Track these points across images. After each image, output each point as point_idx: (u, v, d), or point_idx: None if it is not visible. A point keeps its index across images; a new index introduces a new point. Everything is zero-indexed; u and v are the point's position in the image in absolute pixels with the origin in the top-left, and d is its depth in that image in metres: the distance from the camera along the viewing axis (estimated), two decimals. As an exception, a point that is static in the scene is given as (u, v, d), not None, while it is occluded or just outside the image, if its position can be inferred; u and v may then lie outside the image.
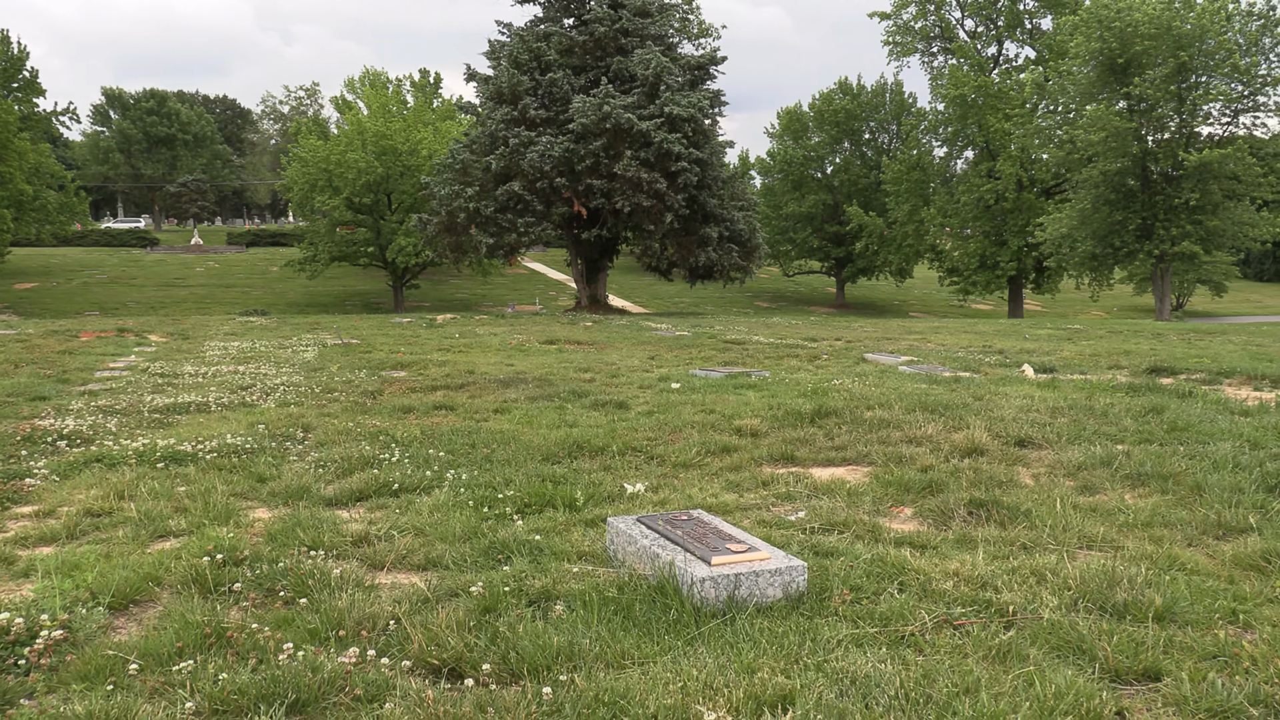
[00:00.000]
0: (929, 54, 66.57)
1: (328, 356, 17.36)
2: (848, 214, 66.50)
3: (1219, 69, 47.35)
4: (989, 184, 57.04)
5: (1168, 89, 44.87)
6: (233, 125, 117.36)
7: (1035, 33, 63.20)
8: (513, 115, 34.34)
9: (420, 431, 8.12)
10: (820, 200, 72.48)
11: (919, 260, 67.04)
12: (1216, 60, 47.16)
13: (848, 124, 72.79)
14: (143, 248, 77.25)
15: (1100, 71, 48.12)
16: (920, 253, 65.17)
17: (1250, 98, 48.43)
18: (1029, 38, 63.96)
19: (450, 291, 71.08)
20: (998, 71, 62.73)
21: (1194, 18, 45.70)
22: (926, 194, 62.49)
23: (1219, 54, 46.34)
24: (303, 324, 28.33)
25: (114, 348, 19.57)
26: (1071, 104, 50.76)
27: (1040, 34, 62.08)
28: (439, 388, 12.21)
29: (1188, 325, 34.83)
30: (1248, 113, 48.92)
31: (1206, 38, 46.25)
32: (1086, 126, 47.30)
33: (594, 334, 23.63)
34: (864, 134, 74.40)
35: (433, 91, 77.68)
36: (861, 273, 71.78)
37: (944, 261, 63.38)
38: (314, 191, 58.62)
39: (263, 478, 6.60)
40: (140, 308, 52.00)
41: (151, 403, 10.55)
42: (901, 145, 69.51)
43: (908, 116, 70.92)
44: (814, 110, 73.75)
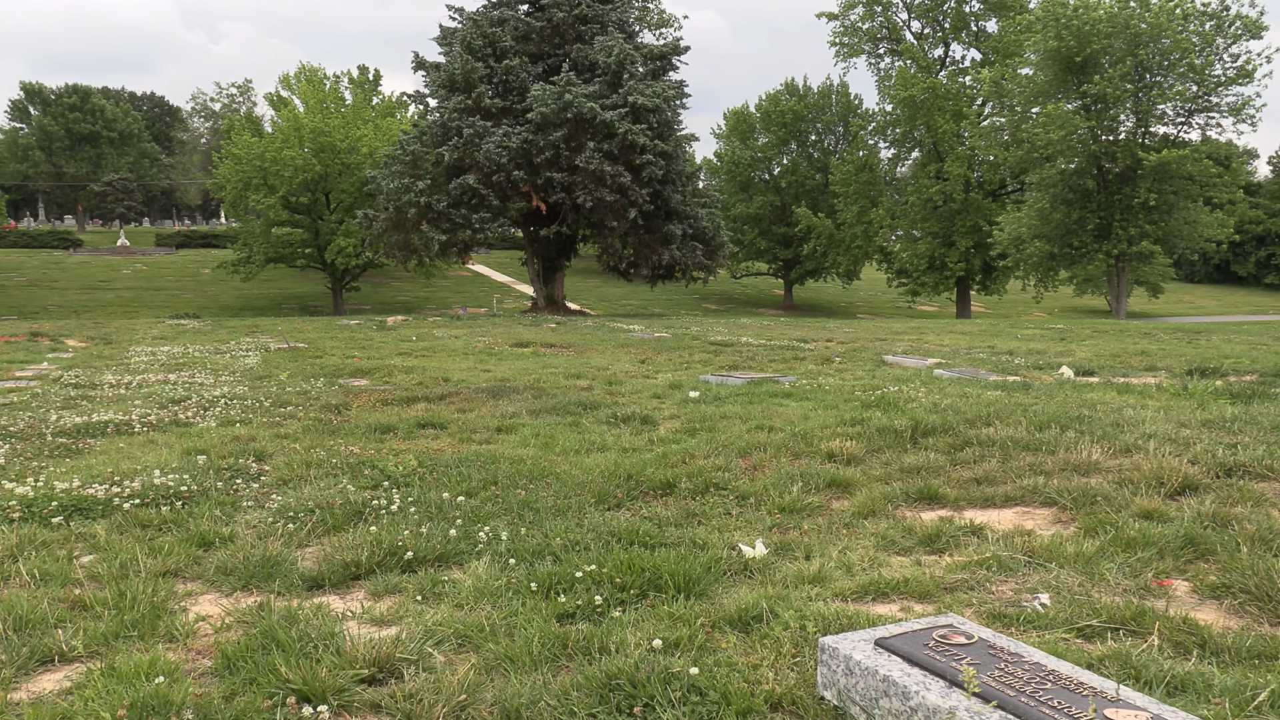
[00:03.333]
0: (876, 55, 65.98)
1: (273, 363, 15.19)
2: (796, 215, 65.45)
3: (1174, 68, 47.27)
4: (937, 185, 56.44)
5: (1124, 87, 44.58)
6: (161, 123, 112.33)
7: (981, 35, 62.96)
8: (467, 104, 32.17)
9: (417, 461, 6.15)
10: (768, 201, 71.38)
11: (867, 262, 66.34)
12: (1173, 60, 47.10)
13: (795, 125, 71.81)
14: (65, 249, 72.94)
15: (1057, 70, 47.65)
16: (869, 254, 64.44)
17: (1204, 98, 48.44)
18: (975, 40, 63.73)
19: (391, 294, 68.40)
20: (945, 73, 62.33)
21: (1150, 16, 45.48)
22: (875, 195, 61.78)
23: (1174, 53, 46.26)
24: (240, 327, 25.93)
25: (24, 354, 17.14)
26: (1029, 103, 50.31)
27: (986, 36, 61.83)
28: (416, 399, 10.21)
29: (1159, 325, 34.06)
30: (1201, 113, 48.93)
31: (1162, 36, 46.06)
32: (1046, 125, 46.80)
33: (565, 336, 21.69)
34: (811, 135, 73.52)
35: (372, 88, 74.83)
36: (809, 274, 70.83)
37: (893, 263, 62.85)
38: (248, 190, 55.77)
39: (207, 540, 4.60)
40: (62, 311, 48.53)
41: (58, 422, 8.38)
42: (848, 147, 68.81)
43: (854, 118, 70.25)
44: (761, 111, 72.69)
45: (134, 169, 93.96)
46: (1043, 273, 51.22)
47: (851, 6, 63.72)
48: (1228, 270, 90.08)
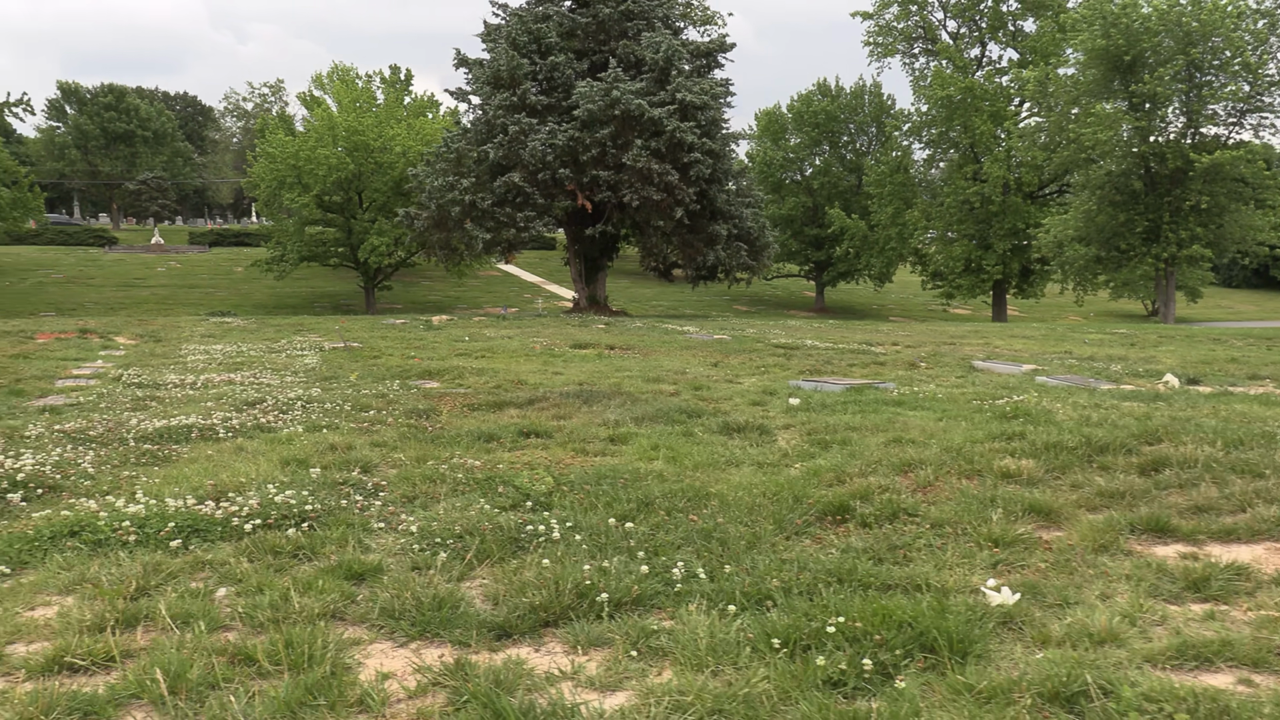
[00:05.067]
0: (910, 55, 64.96)
1: (334, 363, 14.68)
2: (828, 217, 64.56)
3: (1227, 67, 46.14)
4: (974, 187, 55.42)
5: (1174, 87, 43.48)
6: (194, 123, 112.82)
7: (1019, 34, 61.85)
8: (512, 101, 31.65)
9: (553, 478, 5.53)
10: (799, 203, 70.48)
11: (901, 264, 65.35)
12: (1225, 59, 45.98)
13: (827, 126, 70.86)
14: (101, 247, 73.18)
15: (1104, 69, 46.57)
16: (903, 256, 63.46)
17: (1257, 97, 47.24)
18: (1012, 39, 62.61)
19: (423, 293, 68.17)
20: (982, 73, 61.26)
21: (1203, 14, 44.36)
22: (909, 197, 60.81)
23: (1226, 51, 45.14)
24: (285, 325, 25.53)
25: (77, 351, 16.75)
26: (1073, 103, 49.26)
27: (1024, 36, 60.71)
28: (503, 404, 9.62)
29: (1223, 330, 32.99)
30: (1253, 113, 47.72)
31: (1214, 35, 44.93)
32: (1094, 125, 45.74)
33: (621, 337, 21.09)
34: (843, 136, 72.54)
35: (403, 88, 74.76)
36: (842, 276, 69.88)
37: (928, 265, 61.83)
38: (282, 189, 55.64)
39: (355, 573, 4.02)
40: (99, 308, 48.51)
41: (138, 427, 7.85)
42: (882, 148, 67.86)
43: (888, 118, 69.21)
44: (792, 112, 71.79)
45: (168, 168, 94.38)
46: (1085, 276, 50.21)
47: (886, 6, 62.83)
48: (1266, 275, 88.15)
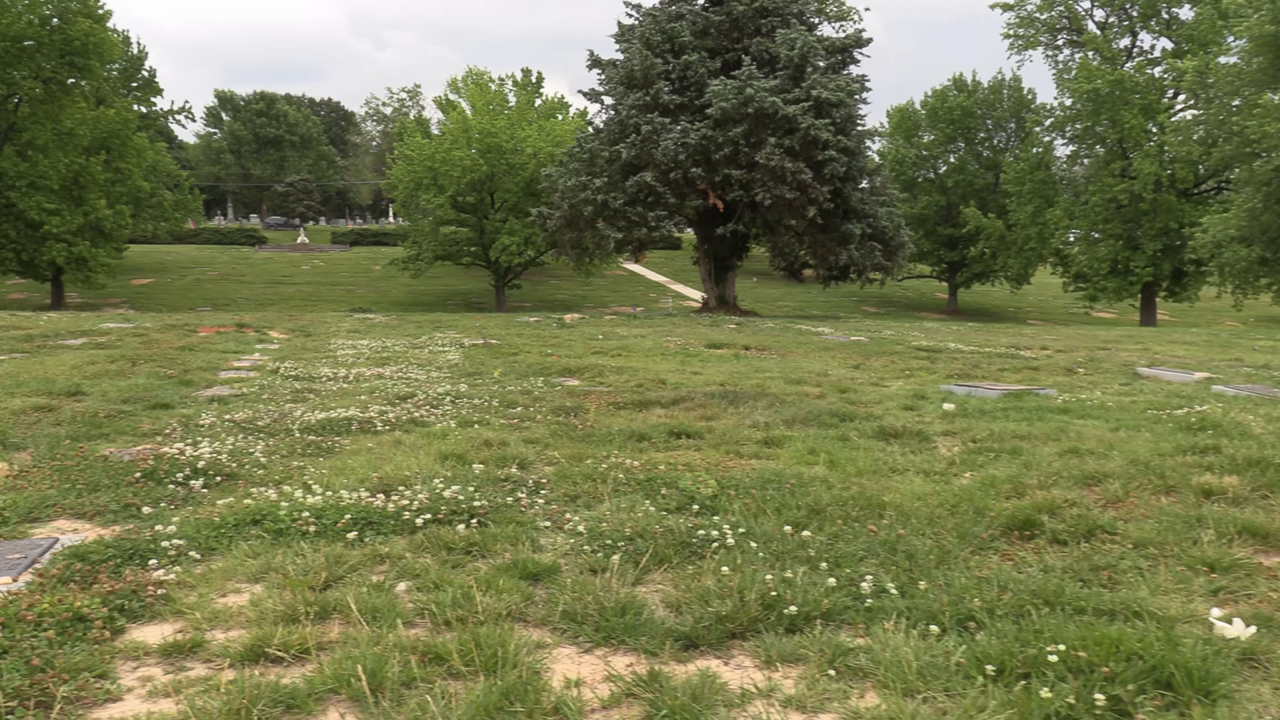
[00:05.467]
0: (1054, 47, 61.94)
1: (475, 359, 14.96)
2: (963, 216, 62.29)
3: None
4: (1122, 184, 52.40)
5: (1356, 74, 40.09)
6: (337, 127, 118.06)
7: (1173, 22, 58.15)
8: (645, 100, 31.76)
9: (716, 482, 5.39)
10: (933, 202, 68.27)
11: (1040, 265, 62.39)
12: None
13: (963, 122, 68.38)
14: (251, 246, 77.34)
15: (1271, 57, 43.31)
16: (1043, 257, 60.60)
17: None
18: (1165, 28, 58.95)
19: (550, 292, 69.31)
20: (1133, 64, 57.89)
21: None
22: (1050, 195, 57.96)
23: None
24: (424, 322, 26.30)
25: (235, 344, 17.60)
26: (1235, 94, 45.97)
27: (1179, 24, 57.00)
28: (648, 404, 9.55)
29: None
30: None
31: (1402, 17, 41.22)
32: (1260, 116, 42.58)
33: (755, 338, 20.80)
34: (980, 133, 69.84)
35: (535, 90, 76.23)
36: (976, 277, 67.34)
37: (1069, 267, 58.82)
38: (419, 190, 57.53)
39: (530, 572, 3.96)
40: (250, 304, 51.22)
41: (302, 418, 8.11)
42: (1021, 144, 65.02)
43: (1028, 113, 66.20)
44: (926, 108, 69.57)
45: (312, 170, 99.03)
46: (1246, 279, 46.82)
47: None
48: None
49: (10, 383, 10.34)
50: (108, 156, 48.11)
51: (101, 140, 47.60)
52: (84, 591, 3.60)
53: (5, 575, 4.01)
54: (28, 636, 3.13)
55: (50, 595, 3.48)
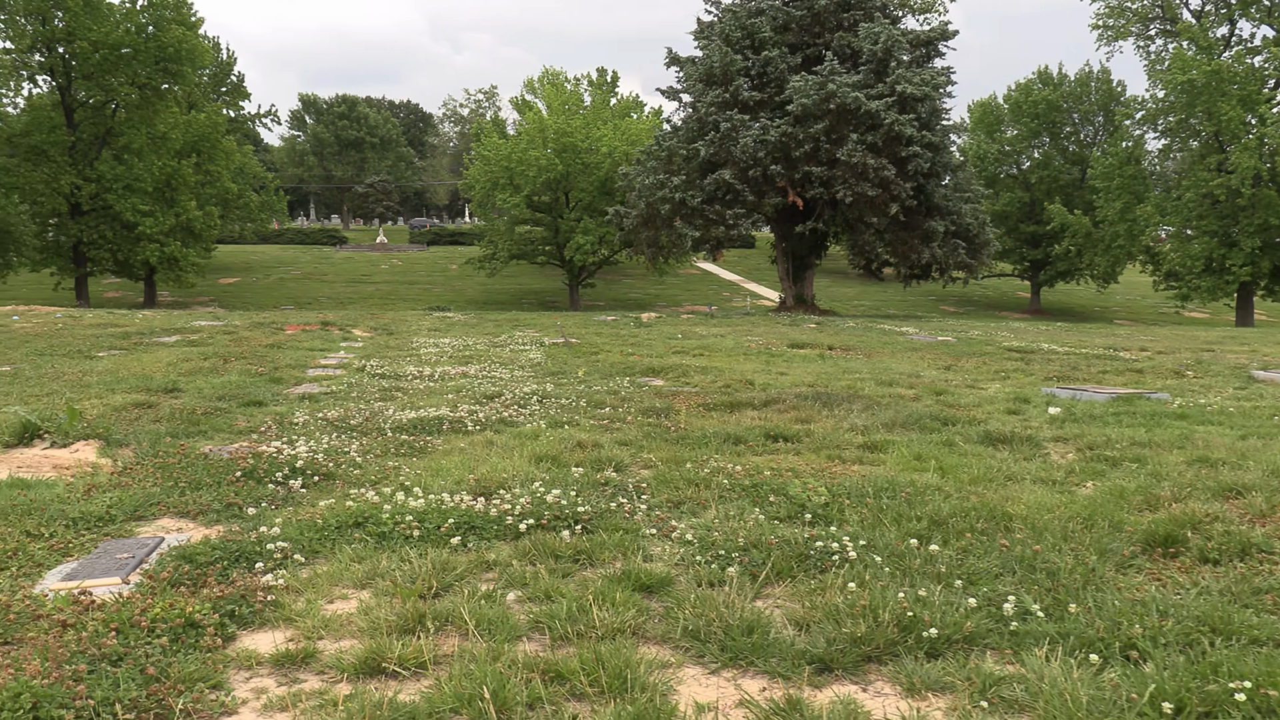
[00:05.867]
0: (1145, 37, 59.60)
1: (557, 358, 14.89)
2: (1048, 212, 60.34)
3: None
4: (1219, 179, 50.09)
5: None
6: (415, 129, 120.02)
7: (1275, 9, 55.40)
8: (724, 98, 31.43)
9: (826, 489, 5.14)
10: (1015, 198, 66.30)
11: (1129, 263, 60.05)
12: None
13: (1048, 116, 66.26)
14: (332, 246, 79.03)
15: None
16: (1132, 255, 58.31)
17: None
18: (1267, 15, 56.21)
19: (623, 291, 69.36)
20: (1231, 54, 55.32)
21: None
22: (1141, 190, 55.72)
23: None
24: (503, 320, 26.45)
25: (320, 342, 17.86)
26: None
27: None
28: (738, 405, 9.31)
29: None
30: None
31: None
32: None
33: (838, 338, 20.37)
34: (1066, 127, 67.57)
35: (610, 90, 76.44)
36: (1060, 276, 65.19)
37: (1160, 265, 56.49)
38: (495, 190, 58.08)
39: (643, 584, 3.78)
40: (331, 303, 52.31)
41: (393, 417, 8.09)
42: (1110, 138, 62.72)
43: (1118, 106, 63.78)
44: (1010, 102, 67.58)
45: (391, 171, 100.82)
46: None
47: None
48: None
49: (111, 379, 10.58)
50: (198, 159, 49.63)
51: (192, 143, 49.12)
52: (194, 595, 3.53)
53: (114, 575, 3.99)
54: (142, 643, 3.07)
55: (161, 599, 3.42)
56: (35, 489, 5.47)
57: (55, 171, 44.56)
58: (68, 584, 3.90)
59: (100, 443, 7.12)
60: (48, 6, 43.05)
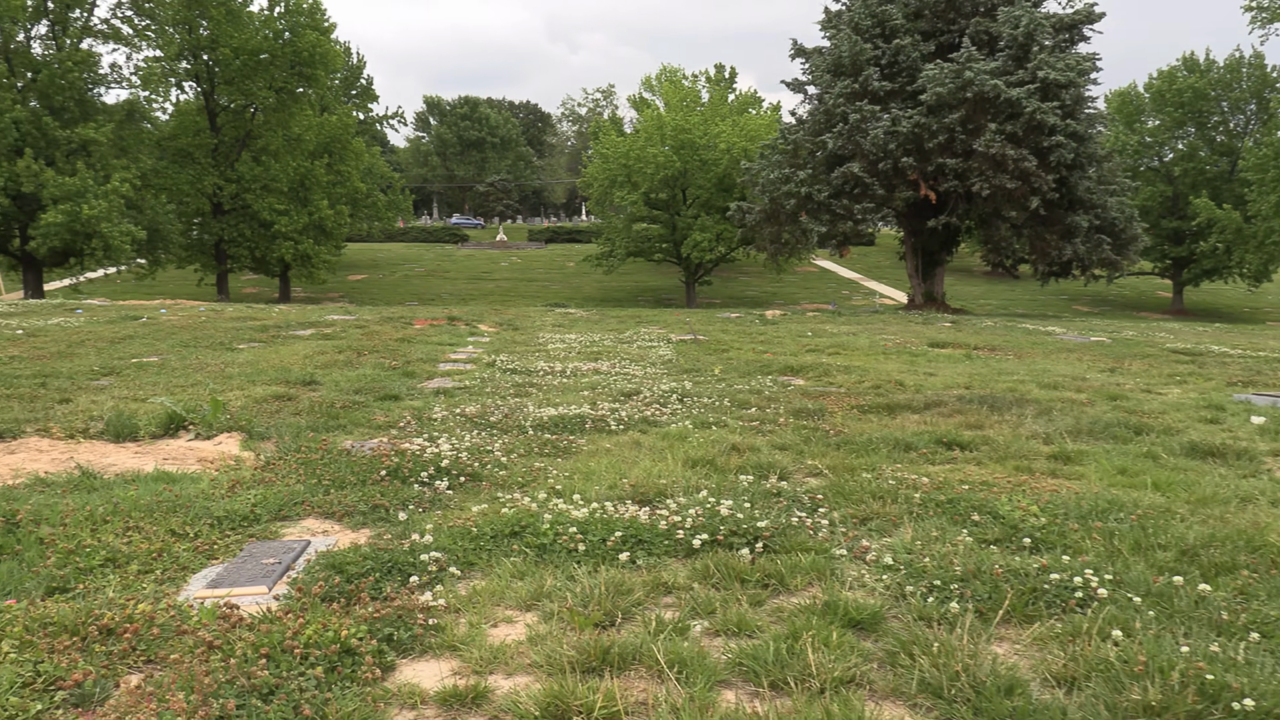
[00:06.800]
0: (1305, 18, 55.16)
1: (688, 354, 14.40)
2: (1193, 207, 56.47)
3: None
4: (1388, 170, 45.87)
5: None
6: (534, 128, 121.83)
7: None
8: (853, 88, 30.37)
9: (1039, 509, 4.45)
10: (1157, 192, 62.36)
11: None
12: None
13: (1193, 105, 62.07)
14: (454, 244, 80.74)
15: None
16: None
17: None
18: None
19: (740, 289, 68.57)
20: (1405, 32, 50.57)
21: None
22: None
23: None
24: (625, 317, 26.15)
25: (448, 337, 17.85)
26: None
27: None
28: (895, 407, 8.62)
29: None
30: None
31: None
32: None
33: (979, 337, 19.25)
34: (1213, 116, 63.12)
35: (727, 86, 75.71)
36: (1206, 274, 60.99)
37: (1322, 262, 52.18)
38: (613, 187, 58.22)
39: (852, 618, 3.23)
40: (453, 299, 53.29)
41: (533, 414, 7.73)
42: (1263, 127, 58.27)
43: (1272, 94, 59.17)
44: (1151, 91, 63.59)
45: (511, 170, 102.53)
46: None
47: (1277, -35, 53.90)
48: None
49: (251, 370, 10.62)
50: (329, 160, 51.28)
51: (324, 145, 50.77)
52: (347, 614, 3.16)
53: (260, 584, 3.67)
54: (295, 674, 2.70)
55: (314, 619, 3.05)
56: (180, 483, 5.29)
57: (199, 173, 46.73)
58: (213, 592, 3.60)
59: (243, 435, 6.99)
60: (193, 16, 45.12)
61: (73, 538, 4.02)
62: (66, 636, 2.90)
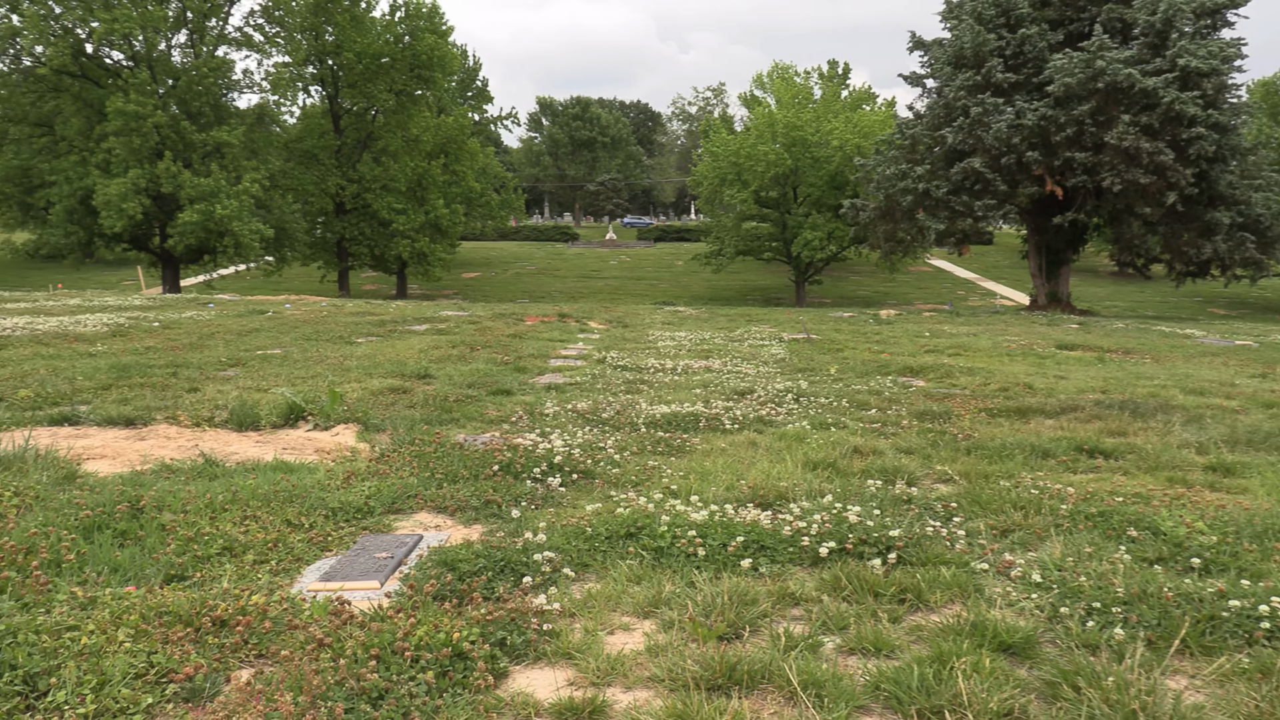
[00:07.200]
0: None
1: (802, 354, 14.03)
2: (1356, 203, 52.38)
3: None
4: None
5: None
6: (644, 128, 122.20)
7: None
8: (975, 80, 29.24)
9: (1208, 526, 4.02)
10: (1307, 189, 58.12)
11: None
12: None
13: (1355, 93, 57.74)
14: (564, 242, 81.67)
15: None
16: None
17: None
18: None
19: (850, 288, 67.17)
20: None
21: None
22: None
23: None
24: (734, 316, 25.83)
25: (559, 333, 17.91)
26: None
27: None
28: (1027, 411, 8.12)
29: None
30: None
31: None
32: None
33: (1110, 339, 18.21)
34: (1379, 103, 58.57)
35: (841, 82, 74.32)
36: (1366, 277, 56.50)
37: None
38: (723, 185, 57.89)
39: (1002, 641, 2.91)
40: (563, 296, 53.82)
41: (645, 411, 7.57)
42: None
43: None
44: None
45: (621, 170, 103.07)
46: None
47: None
48: None
49: (369, 364, 10.79)
50: (445, 160, 52.50)
51: (441, 145, 51.98)
52: (458, 615, 3.04)
53: (373, 579, 3.59)
54: (405, 678, 2.58)
55: (425, 619, 2.94)
56: (297, 473, 5.31)
57: (323, 174, 48.48)
58: (325, 586, 3.54)
59: (359, 426, 7.04)
60: (320, 22, 46.83)
61: (192, 525, 4.04)
62: (180, 627, 2.86)
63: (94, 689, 2.43)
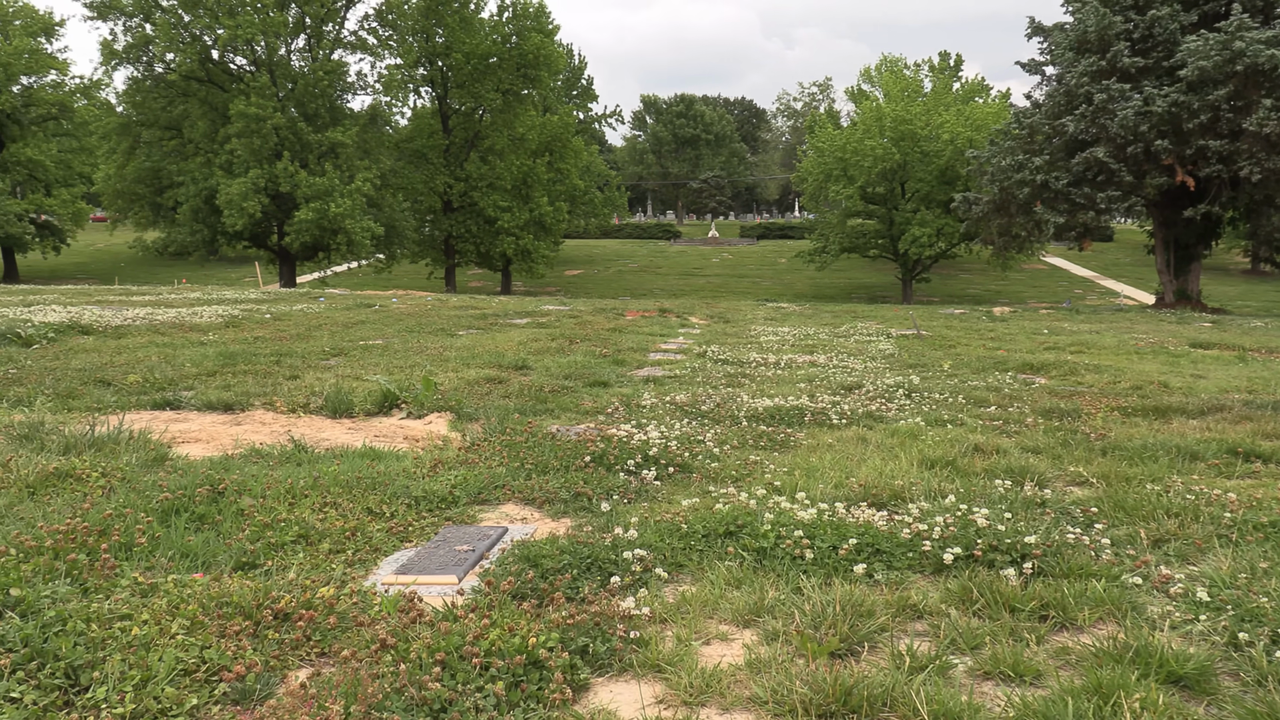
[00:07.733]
0: None
1: (913, 350, 13.40)
2: None
3: None
4: None
5: None
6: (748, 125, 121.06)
7: None
8: (1099, 66, 27.69)
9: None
10: None
11: None
12: None
13: None
14: (667, 240, 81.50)
15: None
16: None
17: None
18: None
19: (961, 286, 64.98)
20: None
21: None
22: None
23: None
24: (840, 312, 25.13)
25: (659, 328, 17.64)
26: None
27: None
28: (1166, 411, 7.43)
29: None
30: None
31: None
32: None
33: (1252, 338, 16.90)
34: None
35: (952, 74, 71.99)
36: None
37: None
38: (828, 181, 56.78)
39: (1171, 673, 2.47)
40: (664, 293, 53.62)
41: (746, 405, 7.19)
42: None
43: None
44: None
45: (724, 167, 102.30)
46: None
47: None
48: None
49: (467, 354, 10.71)
50: (550, 158, 52.91)
51: (546, 144, 52.42)
52: (537, 617, 2.75)
53: (450, 573, 3.34)
54: (472, 689, 2.29)
55: (500, 620, 2.66)
56: (384, 460, 5.14)
57: (432, 173, 49.48)
58: (400, 579, 3.30)
59: (451, 415, 6.88)
60: (430, 24, 47.79)
61: (269, 511, 3.87)
62: (240, 620, 2.65)
63: (136, 686, 2.23)
